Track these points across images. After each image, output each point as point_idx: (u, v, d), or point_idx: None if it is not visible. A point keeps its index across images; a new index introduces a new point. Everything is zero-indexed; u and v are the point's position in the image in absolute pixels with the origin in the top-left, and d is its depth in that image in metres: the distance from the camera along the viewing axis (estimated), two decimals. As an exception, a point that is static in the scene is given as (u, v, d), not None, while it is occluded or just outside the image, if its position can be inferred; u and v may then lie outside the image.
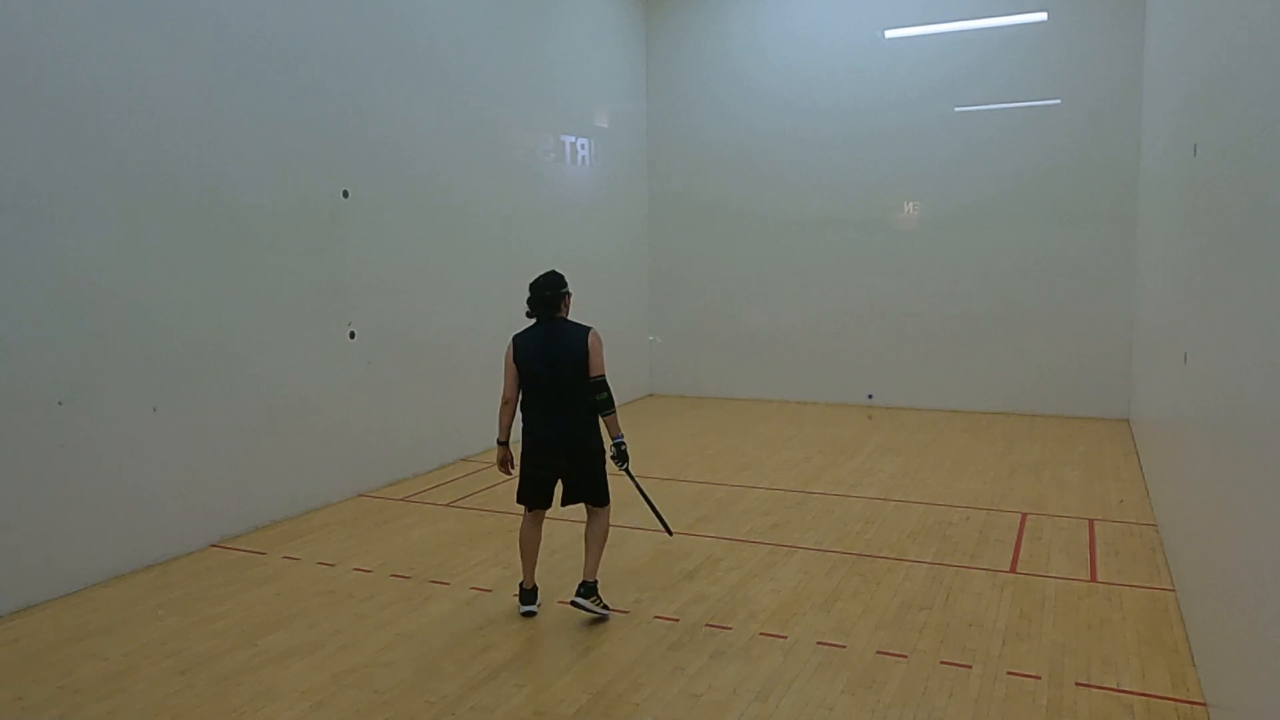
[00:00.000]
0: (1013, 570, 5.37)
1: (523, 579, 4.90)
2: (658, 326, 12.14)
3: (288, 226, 6.56)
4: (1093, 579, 5.22)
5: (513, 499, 4.96)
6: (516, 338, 4.80)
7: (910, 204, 10.69)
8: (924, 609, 4.79)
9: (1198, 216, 4.61)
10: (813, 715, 3.72)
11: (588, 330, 4.75)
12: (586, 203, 10.54)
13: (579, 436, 4.73)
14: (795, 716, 3.71)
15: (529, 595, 4.86)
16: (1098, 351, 9.91)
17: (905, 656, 4.24)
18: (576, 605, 4.70)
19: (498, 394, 4.83)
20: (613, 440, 4.75)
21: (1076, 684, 3.95)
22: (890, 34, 10.51)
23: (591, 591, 4.72)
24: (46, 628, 4.71)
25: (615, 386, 4.98)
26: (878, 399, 10.96)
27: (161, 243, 5.66)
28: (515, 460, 4.87)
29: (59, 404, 5.09)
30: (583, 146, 10.43)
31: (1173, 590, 4.98)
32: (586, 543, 4.83)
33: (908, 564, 5.49)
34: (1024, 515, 6.48)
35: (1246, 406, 3.11)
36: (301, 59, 6.62)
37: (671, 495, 6.95)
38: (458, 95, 8.33)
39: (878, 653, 4.28)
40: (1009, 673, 4.06)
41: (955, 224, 10.49)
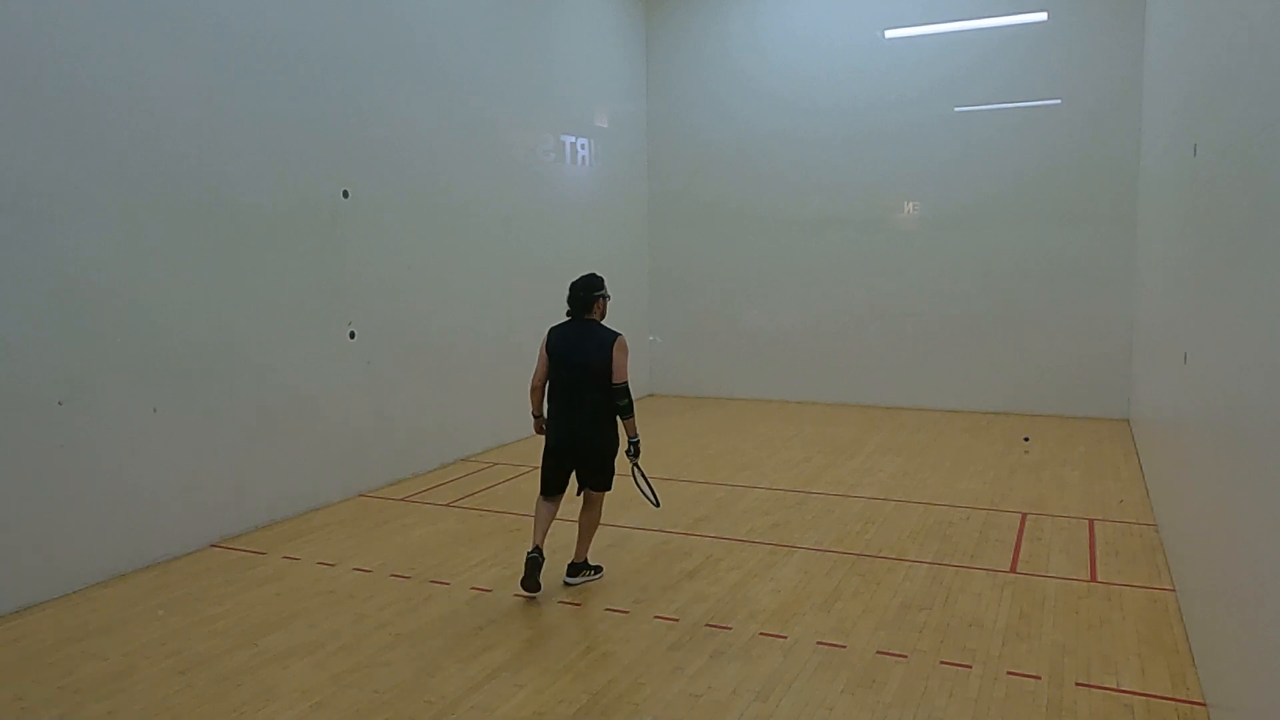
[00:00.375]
0: (1013, 570, 5.37)
1: (532, 543, 5.00)
2: (658, 326, 12.14)
3: (288, 226, 6.56)
4: (1093, 579, 5.22)
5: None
6: (552, 330, 5.13)
7: (910, 204, 10.69)
8: (924, 609, 4.79)
9: (1198, 216, 4.61)
10: (813, 715, 3.72)
11: (614, 337, 5.00)
12: (586, 203, 10.54)
13: (585, 435, 5.01)
14: (795, 716, 3.72)
15: (533, 566, 4.88)
16: (1098, 351, 9.91)
17: (905, 656, 4.24)
18: (570, 584, 5.15)
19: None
20: (630, 440, 5.06)
21: (1076, 684, 3.95)
22: (890, 34, 10.52)
23: (579, 569, 5.19)
24: (46, 628, 4.71)
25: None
26: (877, 399, 10.95)
27: (161, 243, 5.66)
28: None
29: (59, 404, 5.09)
30: (583, 146, 10.43)
31: (1173, 590, 4.99)
32: (580, 527, 5.21)
33: (908, 564, 5.49)
34: (1024, 515, 6.48)
35: (1246, 406, 3.11)
36: (301, 59, 6.62)
37: (672, 495, 6.95)
38: (458, 95, 8.33)
39: (878, 653, 4.28)
40: (1009, 673, 4.06)
41: (955, 224, 10.49)
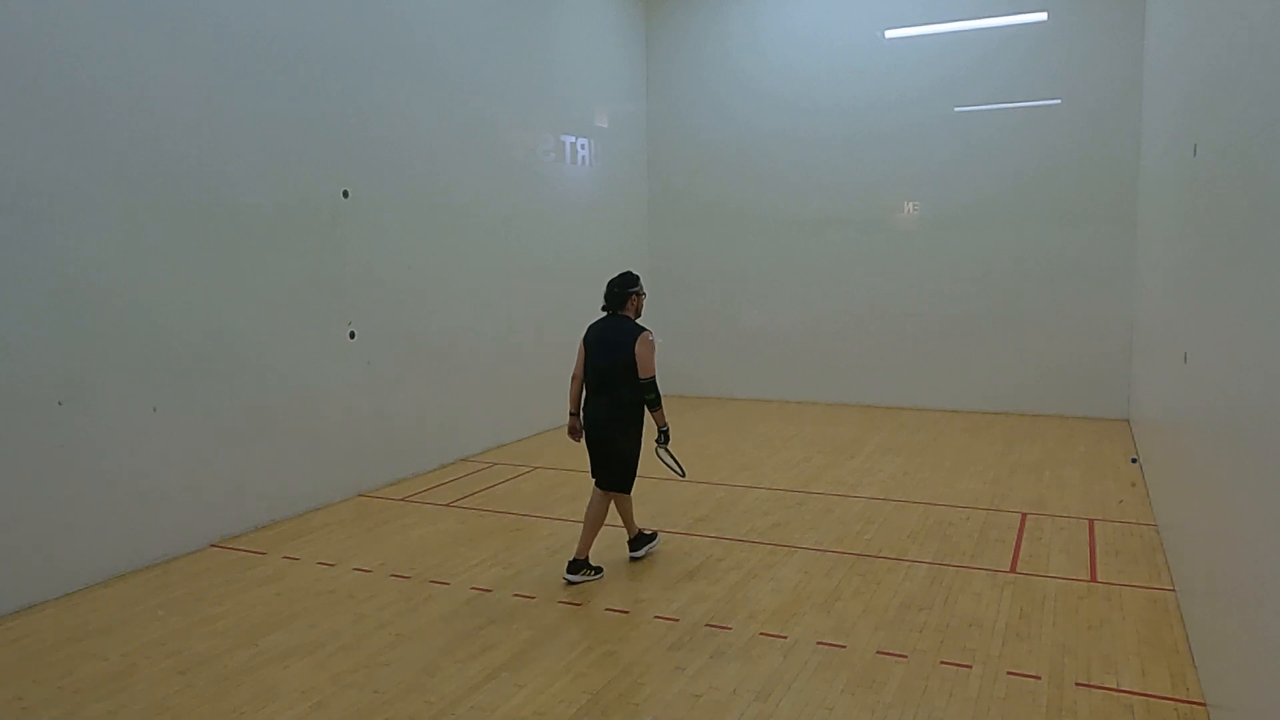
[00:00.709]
0: (1013, 570, 5.37)
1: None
2: (657, 327, 12.05)
3: (288, 226, 6.56)
4: (1093, 579, 5.22)
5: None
6: (591, 324, 5.38)
7: (910, 204, 10.69)
8: (924, 609, 4.79)
9: (1198, 216, 4.61)
10: (813, 715, 3.72)
11: (640, 332, 5.21)
12: (586, 203, 10.54)
13: (603, 426, 5.26)
14: (795, 716, 3.72)
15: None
16: (1098, 351, 9.91)
17: (905, 656, 4.24)
18: (570, 583, 5.16)
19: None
20: (659, 429, 5.34)
21: (1076, 684, 3.95)
22: (890, 34, 10.51)
23: (579, 566, 5.21)
24: (46, 628, 4.71)
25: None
26: (877, 399, 10.95)
27: (161, 243, 5.66)
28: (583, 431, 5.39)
29: (59, 404, 5.09)
30: (583, 146, 10.42)
31: (1173, 590, 4.99)
32: (585, 520, 5.30)
33: (908, 564, 5.49)
34: (1024, 515, 6.48)
35: (1246, 406, 3.11)
36: (301, 59, 6.63)
37: (672, 495, 6.96)
38: (458, 95, 8.33)
39: (878, 653, 4.28)
40: (1009, 673, 4.06)
41: (955, 224, 10.49)
